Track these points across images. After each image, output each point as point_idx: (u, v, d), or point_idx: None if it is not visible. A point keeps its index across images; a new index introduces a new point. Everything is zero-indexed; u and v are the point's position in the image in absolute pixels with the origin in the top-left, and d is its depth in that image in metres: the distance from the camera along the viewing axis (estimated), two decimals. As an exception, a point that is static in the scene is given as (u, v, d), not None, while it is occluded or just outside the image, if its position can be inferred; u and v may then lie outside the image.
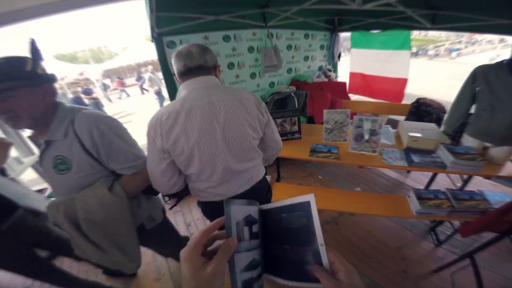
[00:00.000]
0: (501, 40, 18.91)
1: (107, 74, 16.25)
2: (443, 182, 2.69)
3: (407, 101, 3.49)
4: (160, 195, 1.54)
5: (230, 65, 3.42)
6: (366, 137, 1.88)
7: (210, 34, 3.08)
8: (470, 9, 2.41)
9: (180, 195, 3.02)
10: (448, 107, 2.41)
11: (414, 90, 5.47)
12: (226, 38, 3.23)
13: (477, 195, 1.78)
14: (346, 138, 2.10)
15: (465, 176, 2.12)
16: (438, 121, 2.85)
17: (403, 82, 3.71)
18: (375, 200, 1.94)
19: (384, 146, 1.99)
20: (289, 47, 3.90)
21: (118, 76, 15.79)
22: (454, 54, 18.98)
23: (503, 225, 1.35)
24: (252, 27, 3.34)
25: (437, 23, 2.85)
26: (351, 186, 2.94)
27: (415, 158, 1.77)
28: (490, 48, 20.47)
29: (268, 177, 2.00)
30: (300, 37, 3.97)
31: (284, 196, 1.86)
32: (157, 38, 2.74)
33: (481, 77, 1.85)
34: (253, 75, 3.69)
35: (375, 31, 3.80)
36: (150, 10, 2.16)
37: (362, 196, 2.04)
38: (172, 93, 3.02)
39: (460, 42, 23.09)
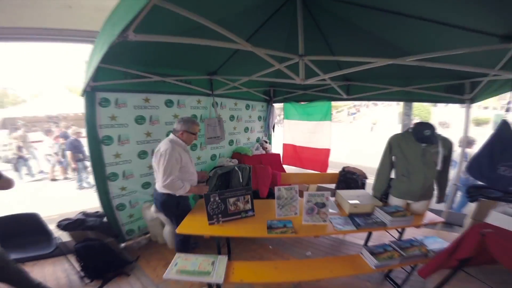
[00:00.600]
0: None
1: (7, 122, 13.00)
2: (378, 234, 2.93)
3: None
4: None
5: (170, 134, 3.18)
6: (316, 210, 2.05)
7: (152, 96, 2.90)
8: (373, 79, 3.20)
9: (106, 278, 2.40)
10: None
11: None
12: (169, 103, 3.09)
13: (415, 242, 2.07)
14: (296, 212, 2.19)
15: (399, 228, 2.42)
16: (363, 186, 3.32)
17: (326, 152, 4.19)
18: (335, 263, 1.99)
19: (330, 215, 2.16)
20: (232, 118, 3.99)
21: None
22: (351, 117, 23.64)
23: (453, 263, 1.60)
24: (198, 93, 3.33)
25: (350, 93, 3.62)
26: (301, 252, 2.91)
27: (360, 222, 2.04)
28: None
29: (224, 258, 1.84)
30: (242, 107, 4.16)
31: (247, 278, 1.71)
32: (90, 92, 2.42)
33: (396, 146, 2.26)
34: (193, 147, 3.48)
35: (303, 103, 4.34)
36: (96, 60, 1.72)
37: (323, 262, 2.06)
38: (97, 163, 2.57)
39: (355, 106, 27.32)
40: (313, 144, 4.31)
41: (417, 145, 2.15)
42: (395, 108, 21.70)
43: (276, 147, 4.86)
